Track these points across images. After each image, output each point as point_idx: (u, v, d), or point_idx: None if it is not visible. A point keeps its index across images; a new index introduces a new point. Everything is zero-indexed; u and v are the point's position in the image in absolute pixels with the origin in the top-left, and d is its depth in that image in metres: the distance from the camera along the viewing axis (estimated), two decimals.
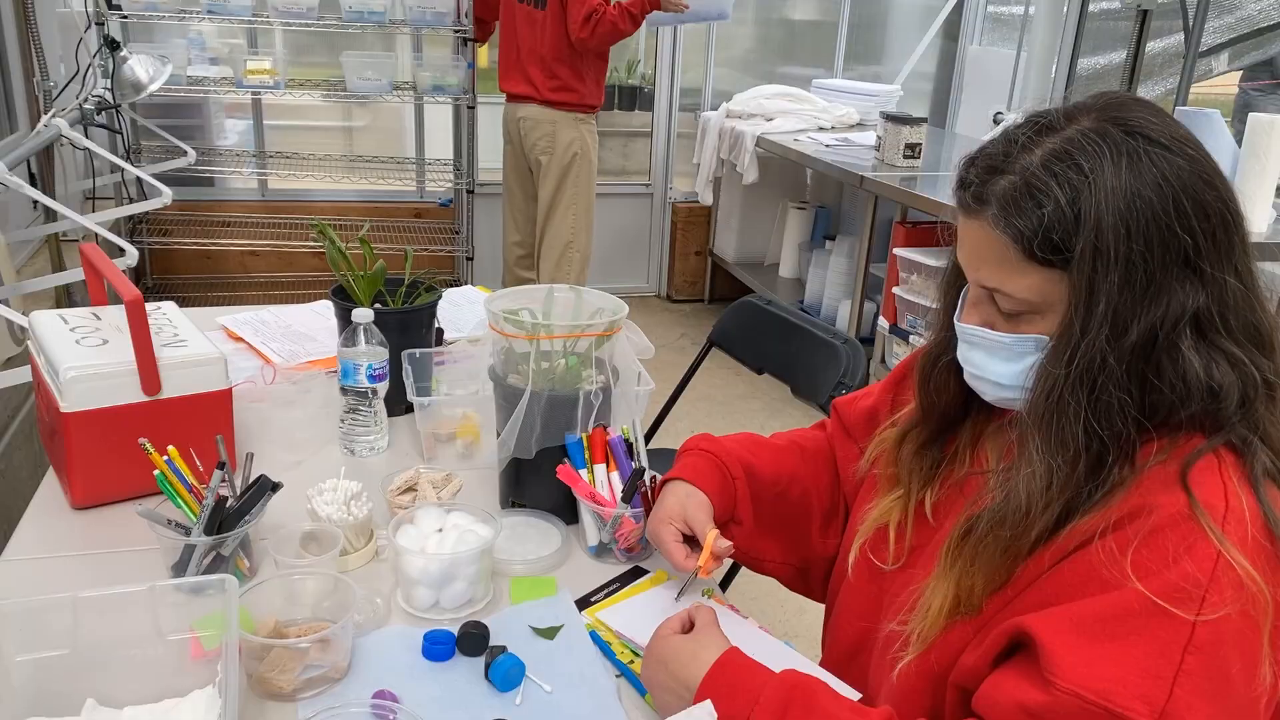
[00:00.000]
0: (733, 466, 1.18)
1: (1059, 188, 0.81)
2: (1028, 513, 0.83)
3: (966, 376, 0.95)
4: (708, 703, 0.94)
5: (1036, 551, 0.85)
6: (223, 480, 1.15)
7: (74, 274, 2.14)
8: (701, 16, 3.91)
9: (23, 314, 1.52)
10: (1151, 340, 0.80)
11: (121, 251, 2.12)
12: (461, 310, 2.08)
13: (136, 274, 4.17)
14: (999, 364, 0.90)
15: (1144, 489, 0.81)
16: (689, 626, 1.03)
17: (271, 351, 1.83)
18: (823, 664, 1.10)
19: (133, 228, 4.02)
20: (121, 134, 3.44)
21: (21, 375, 1.62)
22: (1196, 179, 0.80)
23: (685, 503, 1.14)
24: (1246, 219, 0.84)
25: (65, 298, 2.74)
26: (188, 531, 1.14)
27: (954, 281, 0.97)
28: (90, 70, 3.20)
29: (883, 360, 3.61)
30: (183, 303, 1.51)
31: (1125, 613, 0.76)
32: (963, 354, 0.94)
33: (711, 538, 1.12)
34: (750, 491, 1.18)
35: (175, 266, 4.30)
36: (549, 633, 1.12)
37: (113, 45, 3.00)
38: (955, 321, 0.95)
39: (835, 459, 1.24)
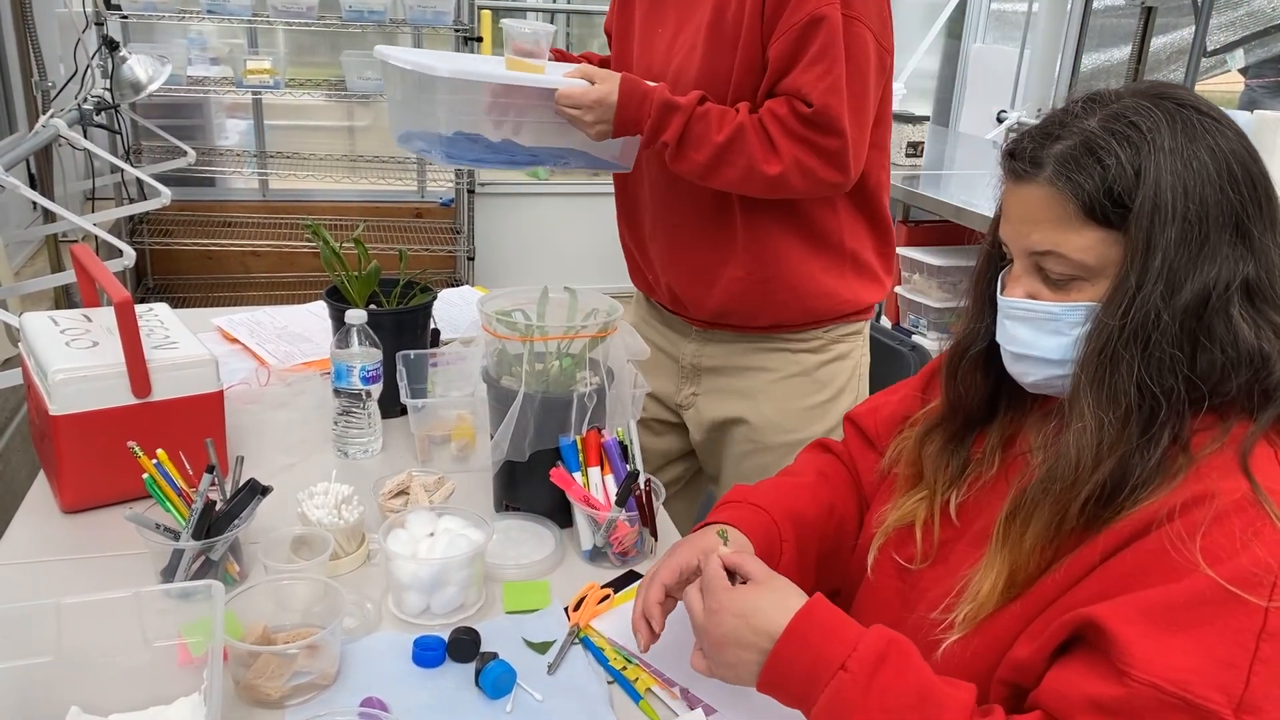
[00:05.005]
0: (782, 526, 1.09)
1: (1119, 146, 0.83)
2: (1077, 467, 0.83)
3: (1007, 360, 0.94)
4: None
5: (1090, 535, 0.83)
6: (212, 484, 1.14)
7: (72, 275, 2.13)
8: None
9: (19, 315, 1.51)
10: (1204, 301, 0.82)
11: (120, 252, 2.11)
12: (459, 311, 2.07)
13: (138, 275, 4.17)
14: (1047, 338, 0.89)
15: (1202, 476, 0.81)
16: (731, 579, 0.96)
17: (266, 353, 1.82)
18: None
19: (133, 228, 4.01)
20: (121, 134, 3.44)
21: (15, 377, 1.61)
22: (1243, 151, 0.84)
23: (709, 550, 1.01)
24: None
25: (64, 298, 2.74)
26: (177, 536, 1.13)
27: (985, 271, 0.97)
28: (89, 70, 3.19)
29: None
30: (184, 303, 1.51)
31: (1197, 600, 0.76)
32: (1007, 333, 0.93)
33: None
34: (797, 545, 1.10)
35: (177, 267, 4.29)
36: (542, 647, 1.10)
37: (112, 45, 2.99)
38: (999, 298, 0.93)
39: (857, 477, 1.20)
